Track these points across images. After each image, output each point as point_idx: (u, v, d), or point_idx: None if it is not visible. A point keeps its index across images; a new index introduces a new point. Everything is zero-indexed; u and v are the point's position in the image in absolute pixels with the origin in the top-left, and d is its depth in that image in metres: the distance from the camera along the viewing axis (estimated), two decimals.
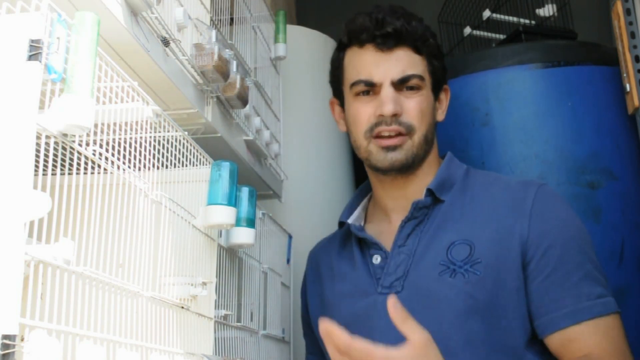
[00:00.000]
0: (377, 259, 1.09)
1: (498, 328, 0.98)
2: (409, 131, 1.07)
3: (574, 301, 0.97)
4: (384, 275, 1.07)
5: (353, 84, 1.10)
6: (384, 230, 1.13)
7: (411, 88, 1.08)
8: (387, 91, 1.06)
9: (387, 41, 1.08)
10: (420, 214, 1.07)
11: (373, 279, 1.08)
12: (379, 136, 1.07)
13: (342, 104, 1.16)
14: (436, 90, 1.13)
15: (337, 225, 1.19)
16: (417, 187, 1.11)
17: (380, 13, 1.09)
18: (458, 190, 1.09)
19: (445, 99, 1.16)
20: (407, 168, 1.09)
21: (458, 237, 1.03)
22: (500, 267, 1.00)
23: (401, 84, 1.07)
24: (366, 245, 1.11)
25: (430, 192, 1.08)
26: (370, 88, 1.08)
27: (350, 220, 1.16)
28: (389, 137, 1.07)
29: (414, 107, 1.07)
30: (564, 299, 0.98)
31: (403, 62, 1.08)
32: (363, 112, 1.09)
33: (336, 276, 1.16)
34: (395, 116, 1.06)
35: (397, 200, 1.13)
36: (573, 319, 0.96)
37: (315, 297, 1.21)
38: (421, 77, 1.08)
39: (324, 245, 1.26)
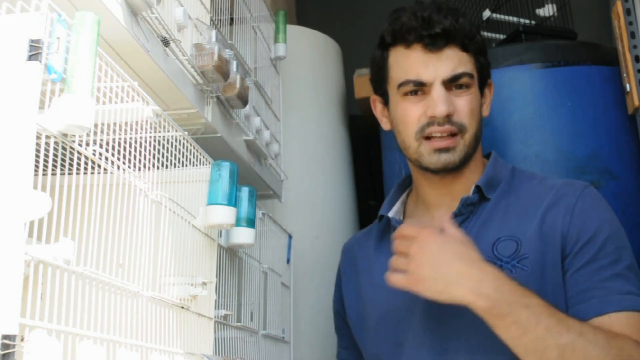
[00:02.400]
0: None
1: None
2: (460, 130, 1.05)
3: (602, 293, 0.97)
4: None
5: (401, 84, 1.07)
6: (426, 225, 1.13)
7: (460, 86, 1.06)
8: (439, 91, 1.04)
9: (436, 41, 1.05)
10: (467, 210, 1.07)
11: None
12: (429, 137, 1.06)
13: (384, 102, 1.15)
14: (482, 86, 1.11)
15: (377, 219, 1.18)
16: (464, 184, 1.10)
17: (426, 11, 1.05)
18: (503, 190, 1.09)
19: (489, 93, 1.15)
20: (459, 168, 1.08)
21: (503, 233, 1.03)
22: (544, 262, 1.00)
23: (451, 83, 1.06)
24: None
25: (478, 189, 1.07)
26: (419, 88, 1.06)
27: (390, 214, 1.15)
28: (441, 137, 1.05)
29: (465, 106, 1.06)
30: (593, 291, 0.97)
31: (453, 60, 1.06)
32: (413, 112, 1.06)
33: (374, 270, 1.15)
34: (448, 116, 1.04)
35: (443, 196, 1.12)
36: (600, 310, 0.96)
37: (352, 292, 1.20)
38: (471, 75, 1.07)
39: (360, 239, 1.25)
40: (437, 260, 0.91)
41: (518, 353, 0.89)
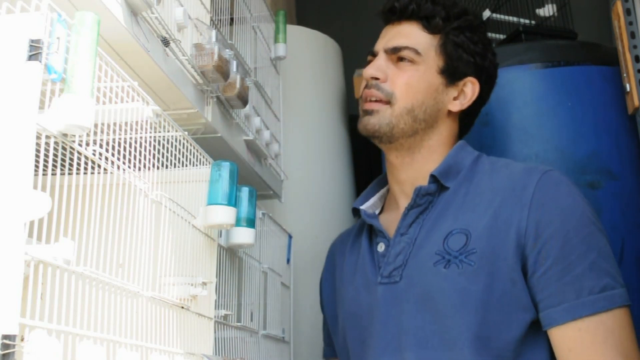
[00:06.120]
0: (381, 247, 1.07)
1: (493, 321, 0.94)
2: (388, 99, 1.07)
3: (574, 295, 0.92)
4: (384, 264, 1.04)
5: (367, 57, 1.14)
6: (393, 218, 1.11)
7: (403, 59, 1.08)
8: (378, 58, 1.09)
9: (390, 16, 1.11)
10: (424, 201, 1.04)
11: (376, 268, 1.06)
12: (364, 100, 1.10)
13: None
14: (451, 75, 1.09)
15: (352, 213, 1.18)
16: (420, 172, 1.08)
17: None
18: (464, 177, 1.05)
19: (469, 92, 1.11)
20: (388, 139, 1.07)
21: (456, 226, 1.00)
22: (494, 258, 0.95)
23: (393, 54, 1.08)
24: (374, 233, 1.10)
25: (434, 178, 1.04)
26: (372, 58, 1.12)
27: (363, 207, 1.14)
28: (370, 101, 1.08)
29: (400, 77, 1.07)
30: (564, 293, 0.92)
31: (403, 35, 1.09)
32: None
33: (346, 266, 1.15)
34: (377, 80, 1.07)
35: (402, 185, 1.11)
36: (573, 314, 0.91)
37: (329, 288, 1.22)
38: (416, 51, 1.07)
39: (342, 235, 1.26)
40: None
41: None
